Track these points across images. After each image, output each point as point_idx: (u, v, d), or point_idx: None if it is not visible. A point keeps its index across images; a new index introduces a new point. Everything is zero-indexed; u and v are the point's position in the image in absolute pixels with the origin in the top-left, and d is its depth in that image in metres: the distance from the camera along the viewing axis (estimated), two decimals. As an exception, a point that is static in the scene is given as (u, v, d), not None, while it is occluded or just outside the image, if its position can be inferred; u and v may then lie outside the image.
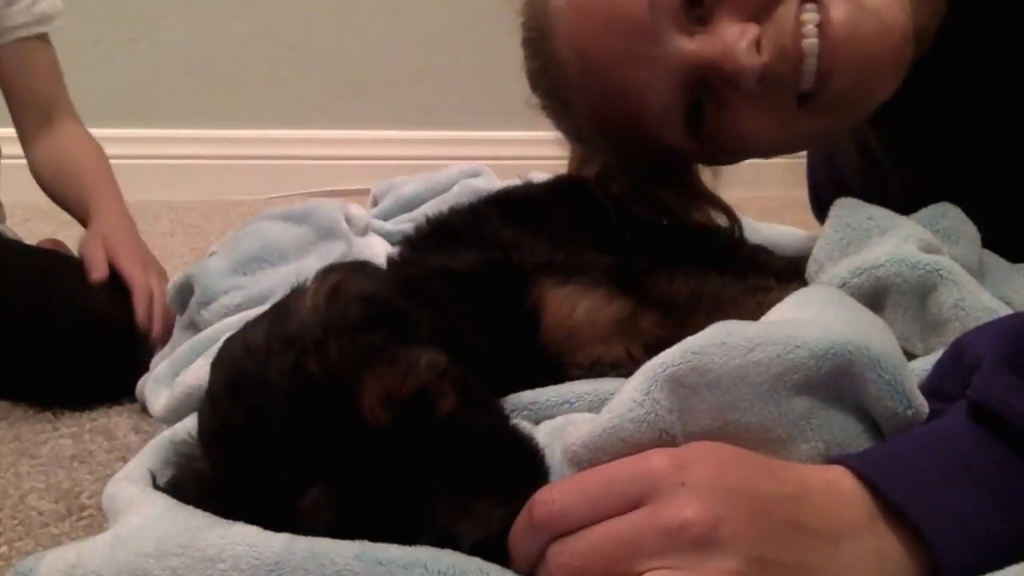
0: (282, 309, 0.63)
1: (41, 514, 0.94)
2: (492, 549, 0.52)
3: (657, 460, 0.51)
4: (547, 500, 0.51)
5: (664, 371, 0.55)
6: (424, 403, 0.57)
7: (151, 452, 0.73)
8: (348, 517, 0.54)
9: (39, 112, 1.54)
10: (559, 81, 0.90)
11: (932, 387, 0.58)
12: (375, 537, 0.53)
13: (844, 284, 0.71)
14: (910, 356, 0.62)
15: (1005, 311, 0.66)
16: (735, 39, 0.78)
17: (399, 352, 0.58)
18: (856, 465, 0.52)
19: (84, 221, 1.47)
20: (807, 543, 0.49)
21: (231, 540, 0.54)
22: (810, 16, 0.79)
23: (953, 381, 0.57)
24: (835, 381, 0.56)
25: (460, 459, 0.55)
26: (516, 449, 0.59)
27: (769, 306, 0.66)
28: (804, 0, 0.79)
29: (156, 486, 0.65)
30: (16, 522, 0.93)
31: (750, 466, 0.52)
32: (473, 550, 0.52)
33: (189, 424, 0.66)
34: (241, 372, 0.59)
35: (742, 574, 0.47)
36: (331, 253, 1.12)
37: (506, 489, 0.55)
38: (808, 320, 0.60)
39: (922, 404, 0.56)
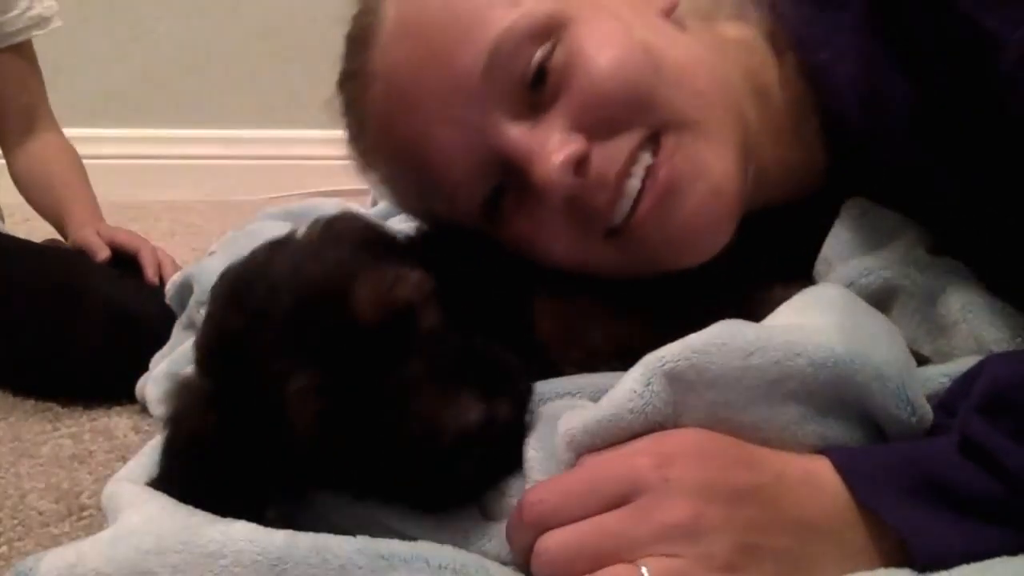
0: (278, 241, 0.66)
1: (41, 514, 0.94)
2: (472, 441, 0.55)
3: (641, 460, 0.54)
4: (536, 500, 0.54)
5: (663, 365, 0.56)
6: (410, 315, 0.60)
7: (151, 452, 0.72)
8: (335, 404, 0.57)
9: (22, 119, 1.56)
10: (362, 95, 0.74)
11: (945, 402, 0.59)
12: (361, 428, 0.57)
13: (852, 284, 0.70)
14: (919, 359, 0.62)
15: (1015, 315, 0.66)
16: (553, 148, 0.66)
17: (392, 263, 0.62)
18: (837, 460, 0.55)
19: (59, 226, 1.51)
20: (784, 530, 0.52)
21: (232, 536, 0.54)
22: (643, 157, 0.68)
23: (964, 400, 0.57)
24: (835, 390, 0.57)
25: (443, 361, 0.59)
26: (494, 361, 0.61)
27: (773, 305, 0.66)
28: (646, 140, 0.68)
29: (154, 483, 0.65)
30: (16, 522, 0.93)
31: (729, 457, 0.54)
32: (455, 440, 0.55)
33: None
34: (241, 279, 0.63)
35: (726, 559, 0.51)
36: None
37: (486, 388, 0.58)
38: (811, 327, 0.60)
39: (927, 412, 0.57)
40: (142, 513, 0.60)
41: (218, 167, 2.47)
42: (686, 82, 0.69)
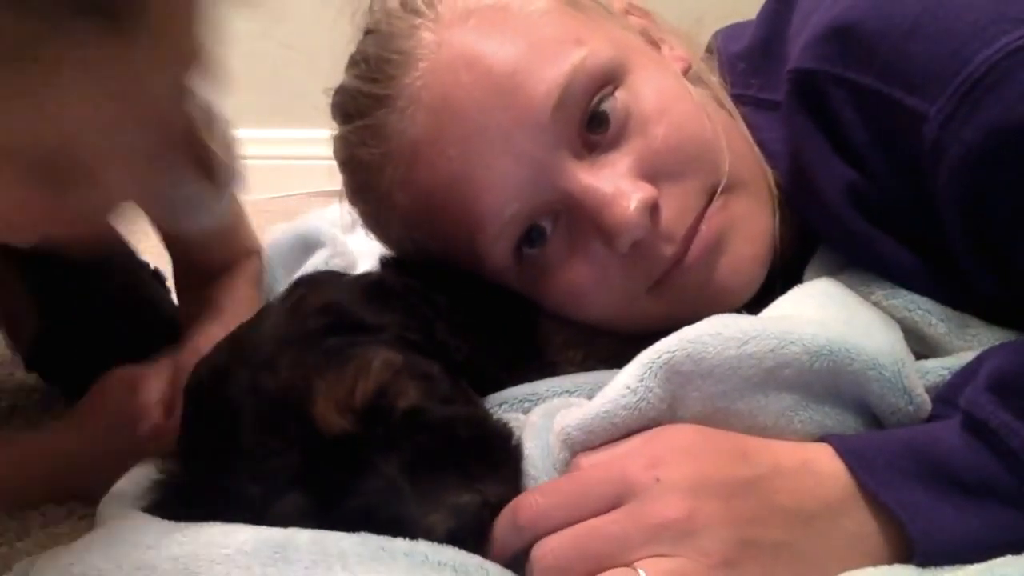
0: (246, 328, 0.66)
1: (42, 515, 0.94)
2: (467, 535, 0.54)
3: (632, 461, 0.54)
4: (531, 504, 0.55)
5: (660, 358, 0.57)
6: (384, 402, 0.58)
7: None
8: (321, 524, 0.55)
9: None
10: (398, 122, 0.70)
11: (945, 395, 0.59)
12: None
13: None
14: (919, 356, 0.63)
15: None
16: (629, 191, 0.65)
17: (351, 356, 0.59)
18: (838, 444, 0.55)
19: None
20: (781, 522, 0.53)
21: (233, 530, 0.55)
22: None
23: (965, 389, 0.57)
24: (832, 378, 0.57)
25: (423, 451, 0.57)
26: (482, 435, 0.60)
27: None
28: (709, 194, 0.69)
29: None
30: (16, 522, 0.93)
31: (723, 452, 0.55)
32: (448, 539, 0.54)
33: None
34: (204, 394, 0.61)
35: (723, 555, 0.51)
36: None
37: (473, 474, 0.56)
38: (806, 318, 0.61)
39: (924, 400, 0.58)
40: (137, 516, 0.61)
41: (218, 167, 2.47)
42: (730, 140, 0.70)
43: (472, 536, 0.54)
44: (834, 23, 0.63)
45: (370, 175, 0.74)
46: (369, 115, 0.72)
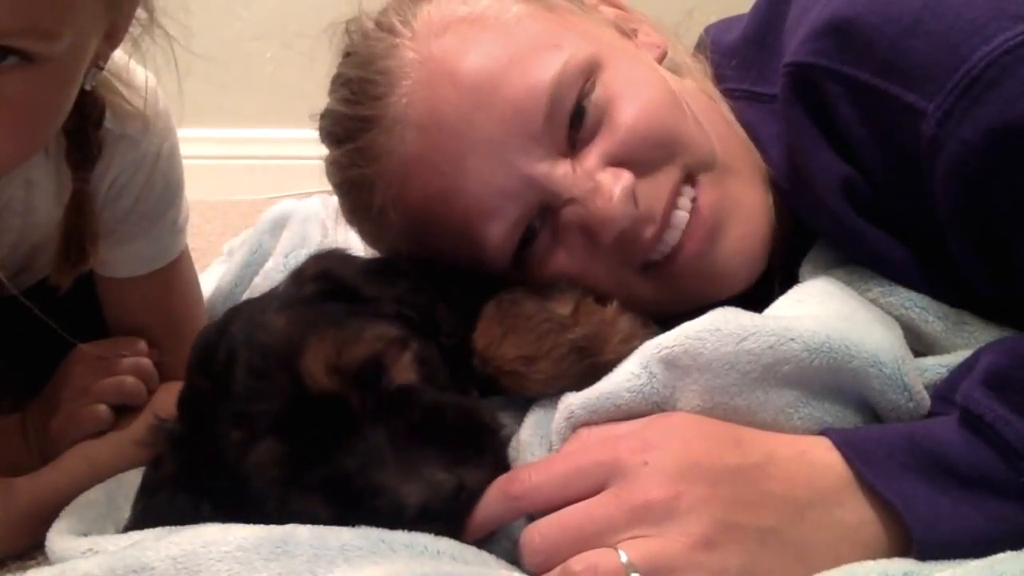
0: (256, 297, 0.69)
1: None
2: (438, 513, 0.55)
3: (623, 444, 0.55)
4: (524, 478, 0.56)
5: (659, 351, 0.58)
6: (376, 371, 0.60)
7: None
8: (294, 475, 0.57)
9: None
10: (387, 142, 0.70)
11: (943, 391, 0.59)
12: (323, 497, 0.57)
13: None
14: (918, 354, 0.63)
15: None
16: (610, 182, 0.67)
17: (347, 322, 0.61)
18: (836, 437, 0.56)
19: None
20: (771, 508, 0.53)
21: (233, 529, 0.55)
22: (687, 190, 0.70)
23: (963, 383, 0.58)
24: (831, 375, 0.57)
25: (410, 427, 0.58)
26: (469, 422, 0.61)
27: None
28: (683, 177, 0.70)
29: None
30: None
31: (715, 439, 0.55)
32: (420, 513, 0.54)
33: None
34: (208, 346, 0.64)
35: (706, 537, 0.51)
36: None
37: (454, 458, 0.57)
38: (806, 315, 0.62)
39: (924, 397, 0.58)
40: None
41: (218, 167, 2.47)
42: (707, 123, 0.71)
43: (445, 515, 0.55)
44: (833, 18, 0.63)
45: (364, 195, 0.74)
46: (358, 138, 0.72)
